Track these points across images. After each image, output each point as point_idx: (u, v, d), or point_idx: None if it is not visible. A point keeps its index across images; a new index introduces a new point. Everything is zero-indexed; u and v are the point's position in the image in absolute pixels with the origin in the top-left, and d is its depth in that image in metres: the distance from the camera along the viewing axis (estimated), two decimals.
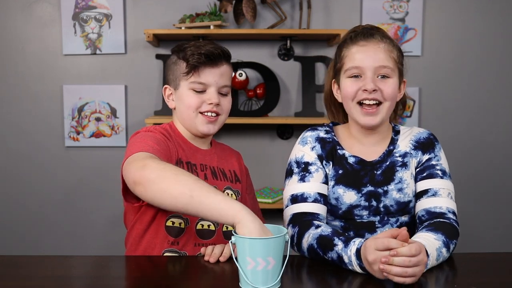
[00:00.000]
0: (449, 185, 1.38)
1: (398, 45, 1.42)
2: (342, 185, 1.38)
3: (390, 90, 1.35)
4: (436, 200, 1.34)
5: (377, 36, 1.37)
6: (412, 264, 1.05)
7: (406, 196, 1.38)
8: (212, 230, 1.43)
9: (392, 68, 1.35)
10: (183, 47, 1.46)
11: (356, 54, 1.36)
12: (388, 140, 1.44)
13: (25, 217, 2.76)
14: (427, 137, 1.44)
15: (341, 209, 1.38)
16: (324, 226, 1.27)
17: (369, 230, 1.38)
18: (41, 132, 2.74)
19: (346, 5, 2.72)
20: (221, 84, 1.47)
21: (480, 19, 2.74)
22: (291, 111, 2.77)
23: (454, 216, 1.33)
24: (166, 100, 1.53)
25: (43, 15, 2.70)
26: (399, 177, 1.38)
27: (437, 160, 1.41)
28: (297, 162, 1.41)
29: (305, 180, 1.37)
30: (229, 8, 2.59)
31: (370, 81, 1.33)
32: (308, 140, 1.42)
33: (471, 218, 2.78)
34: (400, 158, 1.40)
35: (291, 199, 1.37)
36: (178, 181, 1.13)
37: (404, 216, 1.40)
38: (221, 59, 1.46)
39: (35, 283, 1.14)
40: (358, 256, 1.13)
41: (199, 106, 1.45)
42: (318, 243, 1.23)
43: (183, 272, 1.24)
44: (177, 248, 1.39)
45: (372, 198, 1.37)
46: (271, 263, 1.03)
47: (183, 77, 1.44)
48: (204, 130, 1.46)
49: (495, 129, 2.79)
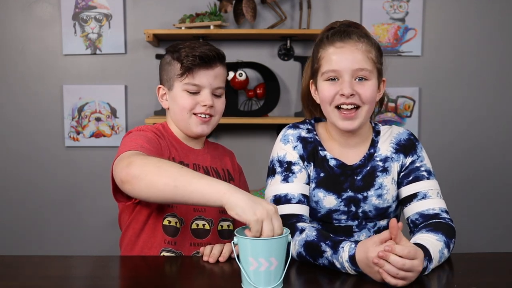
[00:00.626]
0: (436, 184, 1.37)
1: (377, 43, 1.38)
2: (322, 189, 1.37)
3: (368, 93, 1.32)
4: (427, 202, 1.33)
5: (354, 36, 1.33)
6: (406, 269, 1.04)
7: (385, 202, 1.37)
8: (207, 229, 1.43)
9: (370, 70, 1.32)
10: (177, 47, 1.46)
11: (332, 56, 1.32)
12: (369, 142, 1.41)
13: (25, 217, 2.76)
14: (408, 138, 1.42)
15: (320, 213, 1.37)
16: (308, 229, 1.24)
17: (346, 234, 1.37)
18: (41, 132, 2.74)
19: (346, 5, 2.72)
20: (215, 86, 1.46)
21: (480, 19, 2.74)
22: (291, 111, 2.77)
23: (447, 215, 1.33)
24: (160, 100, 1.53)
25: (43, 15, 2.70)
26: (379, 183, 1.37)
27: (421, 161, 1.39)
28: (279, 161, 1.38)
29: (288, 180, 1.35)
30: (229, 8, 2.59)
31: (347, 86, 1.30)
32: (290, 138, 1.40)
33: (471, 218, 2.78)
34: (381, 163, 1.38)
35: (274, 199, 1.34)
36: (161, 173, 1.12)
37: (382, 220, 1.39)
38: (215, 61, 1.45)
39: (35, 283, 1.14)
40: (353, 262, 1.12)
41: (193, 108, 1.45)
42: (306, 250, 1.21)
43: (182, 272, 1.23)
44: (174, 248, 1.39)
45: (352, 203, 1.36)
46: (273, 264, 1.03)
47: (177, 78, 1.44)
48: (198, 131, 1.47)
49: (495, 129, 2.79)
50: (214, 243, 1.39)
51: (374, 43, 1.36)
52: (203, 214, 1.43)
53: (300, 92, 1.57)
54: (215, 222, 1.46)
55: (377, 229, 1.39)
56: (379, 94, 1.39)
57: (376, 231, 1.39)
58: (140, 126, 1.46)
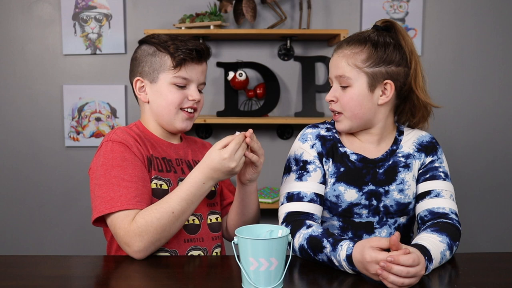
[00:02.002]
0: (451, 187, 1.39)
1: (382, 43, 1.34)
2: (343, 183, 1.37)
3: (345, 100, 1.35)
4: (439, 201, 1.35)
5: (344, 43, 1.37)
6: (410, 276, 1.05)
7: (406, 197, 1.38)
8: (197, 224, 1.42)
9: (349, 76, 1.34)
10: (163, 39, 1.43)
11: (329, 63, 1.42)
12: (392, 140, 1.43)
13: (25, 217, 2.76)
14: (430, 140, 1.45)
15: (341, 207, 1.38)
16: (315, 226, 1.27)
17: (367, 231, 1.38)
18: (41, 132, 2.74)
19: (346, 5, 2.72)
20: (201, 81, 1.46)
21: (480, 19, 2.74)
22: (291, 111, 2.77)
23: (456, 217, 1.33)
24: (138, 94, 1.46)
25: (43, 15, 2.70)
26: (401, 178, 1.38)
27: (440, 162, 1.42)
28: (295, 159, 1.41)
29: (302, 179, 1.37)
30: (229, 8, 2.59)
31: (330, 92, 1.39)
32: (309, 137, 1.42)
33: (471, 218, 2.78)
34: (403, 159, 1.40)
35: (287, 197, 1.37)
36: (160, 222, 1.26)
37: (402, 217, 1.40)
38: (204, 57, 1.45)
39: (35, 283, 1.14)
40: (349, 261, 1.13)
41: (181, 102, 1.42)
42: (308, 243, 1.23)
43: (184, 272, 1.23)
44: (167, 247, 1.36)
45: (373, 197, 1.37)
46: (274, 264, 1.03)
47: (167, 70, 1.41)
48: (182, 126, 1.44)
49: (495, 129, 2.79)
50: (206, 238, 1.41)
51: (369, 46, 1.34)
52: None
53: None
54: (204, 216, 1.44)
55: (397, 226, 1.40)
56: (383, 98, 1.36)
57: (396, 228, 1.39)
58: (111, 135, 1.37)
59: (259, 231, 1.14)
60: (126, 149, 1.34)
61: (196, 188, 1.29)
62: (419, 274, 1.07)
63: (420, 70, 1.39)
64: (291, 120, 2.62)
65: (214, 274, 1.22)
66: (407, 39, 1.37)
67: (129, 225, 1.25)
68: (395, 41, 1.36)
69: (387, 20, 1.42)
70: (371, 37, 1.35)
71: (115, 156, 1.33)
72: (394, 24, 1.40)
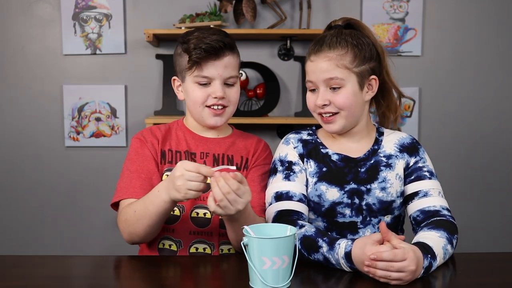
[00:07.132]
0: (438, 184, 1.41)
1: (361, 43, 1.38)
2: (325, 182, 1.39)
3: (341, 101, 1.37)
4: (428, 200, 1.36)
5: (325, 47, 1.38)
6: (395, 270, 1.07)
7: (389, 195, 1.39)
8: (208, 218, 1.42)
9: (341, 77, 1.36)
10: (187, 38, 1.43)
11: (308, 69, 1.42)
12: (372, 139, 1.46)
13: (25, 217, 2.76)
14: (411, 141, 1.47)
15: (324, 206, 1.39)
16: (308, 226, 1.28)
17: (351, 231, 1.39)
18: (41, 132, 2.74)
19: (346, 5, 2.72)
20: (226, 76, 1.43)
21: (480, 19, 2.74)
22: (291, 111, 2.77)
23: (448, 212, 1.35)
24: (176, 92, 1.52)
25: (43, 15, 2.70)
26: (383, 176, 1.40)
27: (423, 162, 1.43)
28: (281, 160, 1.43)
29: (290, 179, 1.39)
30: (229, 8, 2.59)
31: (321, 97, 1.38)
32: (291, 141, 1.46)
33: (471, 218, 2.78)
34: (385, 159, 1.42)
35: (275, 196, 1.37)
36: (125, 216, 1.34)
37: (386, 216, 1.41)
38: (223, 51, 1.42)
39: (35, 283, 1.14)
40: (348, 258, 1.15)
41: (205, 100, 1.43)
42: (302, 243, 1.24)
43: (185, 272, 1.23)
44: (172, 235, 1.40)
45: (355, 195, 1.38)
46: (285, 262, 1.06)
47: (188, 70, 1.43)
48: (211, 123, 1.46)
49: (495, 129, 2.79)
50: (214, 233, 1.41)
51: (352, 47, 1.37)
52: (203, 203, 1.42)
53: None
54: None
55: None
56: (370, 93, 1.41)
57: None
58: (142, 132, 1.50)
59: (264, 229, 1.15)
60: (142, 144, 1.45)
61: (152, 194, 1.29)
62: (408, 269, 1.08)
63: (386, 58, 1.45)
64: (291, 120, 2.62)
65: (215, 273, 1.22)
66: (370, 32, 1.43)
67: (119, 213, 1.39)
68: (367, 37, 1.41)
69: (348, 18, 1.46)
70: (348, 39, 1.38)
71: (131, 151, 1.47)
72: (357, 21, 1.45)
